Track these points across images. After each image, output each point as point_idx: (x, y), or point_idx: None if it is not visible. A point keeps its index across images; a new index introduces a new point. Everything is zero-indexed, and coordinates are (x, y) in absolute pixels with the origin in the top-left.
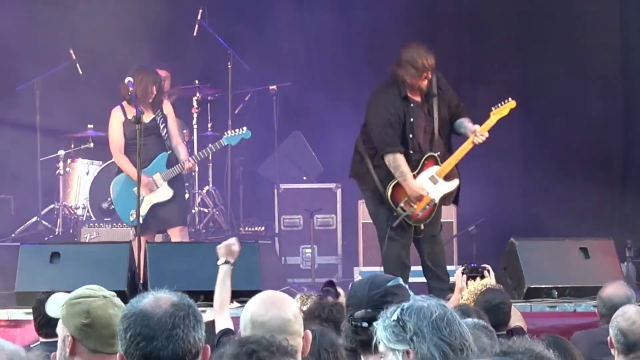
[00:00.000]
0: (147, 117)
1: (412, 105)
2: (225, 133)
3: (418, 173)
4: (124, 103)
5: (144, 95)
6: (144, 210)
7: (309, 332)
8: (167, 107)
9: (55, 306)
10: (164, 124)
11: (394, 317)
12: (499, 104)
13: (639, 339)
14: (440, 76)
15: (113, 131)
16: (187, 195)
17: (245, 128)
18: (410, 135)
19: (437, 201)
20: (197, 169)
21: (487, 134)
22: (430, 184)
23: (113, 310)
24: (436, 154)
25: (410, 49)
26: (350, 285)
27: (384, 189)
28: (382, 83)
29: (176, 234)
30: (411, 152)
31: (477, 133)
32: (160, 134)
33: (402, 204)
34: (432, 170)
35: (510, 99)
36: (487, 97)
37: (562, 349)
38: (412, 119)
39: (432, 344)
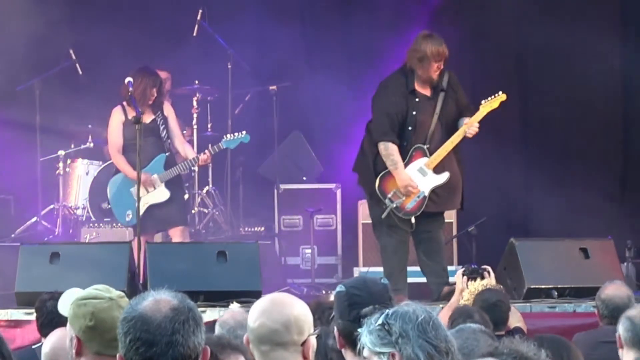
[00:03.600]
0: (148, 118)
1: (417, 100)
2: (224, 136)
3: (407, 164)
4: (125, 103)
5: (142, 97)
6: (140, 211)
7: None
8: (168, 109)
9: (66, 304)
10: (164, 126)
11: (379, 321)
12: (490, 97)
13: None
14: (452, 75)
15: (112, 131)
16: (186, 196)
17: (244, 132)
18: (410, 128)
19: (426, 194)
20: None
21: (477, 125)
22: (419, 176)
23: (117, 312)
24: (425, 146)
25: (422, 37)
26: (338, 291)
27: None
28: (393, 72)
29: (177, 234)
30: (405, 144)
31: (468, 124)
32: (160, 135)
33: (390, 195)
34: (421, 162)
35: (500, 92)
36: (486, 96)
37: (564, 350)
38: (414, 112)
39: (417, 345)
